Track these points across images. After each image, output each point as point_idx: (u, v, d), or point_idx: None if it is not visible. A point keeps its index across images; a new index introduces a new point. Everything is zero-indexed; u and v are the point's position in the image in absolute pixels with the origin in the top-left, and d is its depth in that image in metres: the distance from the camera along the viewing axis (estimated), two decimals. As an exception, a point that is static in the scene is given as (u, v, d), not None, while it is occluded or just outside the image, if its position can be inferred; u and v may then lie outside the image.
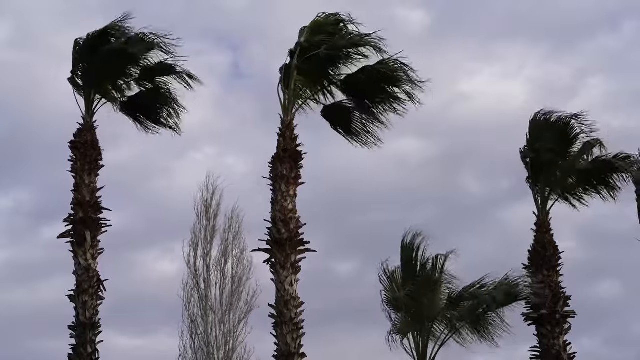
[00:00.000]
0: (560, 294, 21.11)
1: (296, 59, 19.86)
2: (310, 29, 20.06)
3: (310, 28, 20.08)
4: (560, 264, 21.38)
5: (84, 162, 19.99)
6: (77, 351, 19.09)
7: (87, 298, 19.26)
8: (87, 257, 19.49)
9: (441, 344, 20.48)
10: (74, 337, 19.22)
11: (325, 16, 20.17)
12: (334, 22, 20.21)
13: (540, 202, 21.69)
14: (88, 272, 19.40)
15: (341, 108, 20.88)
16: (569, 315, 21.02)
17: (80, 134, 20.22)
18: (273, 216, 19.29)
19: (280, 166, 19.45)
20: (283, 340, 18.56)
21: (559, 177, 21.77)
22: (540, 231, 21.51)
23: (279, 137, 19.70)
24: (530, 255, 21.46)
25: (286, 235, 19.01)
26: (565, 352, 20.71)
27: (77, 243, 19.57)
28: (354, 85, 20.37)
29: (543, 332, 20.87)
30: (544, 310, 20.85)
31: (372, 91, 20.37)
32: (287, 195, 19.27)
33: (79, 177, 19.95)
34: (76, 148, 20.09)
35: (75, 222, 19.70)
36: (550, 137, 21.70)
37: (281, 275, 18.86)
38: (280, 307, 18.73)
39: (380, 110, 20.56)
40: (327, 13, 20.16)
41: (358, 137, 21.04)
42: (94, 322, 19.22)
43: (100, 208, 19.90)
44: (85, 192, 19.81)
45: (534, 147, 21.83)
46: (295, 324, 18.67)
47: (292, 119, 19.90)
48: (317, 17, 20.16)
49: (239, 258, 31.53)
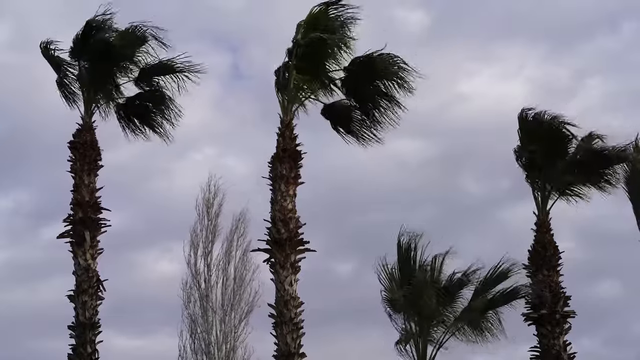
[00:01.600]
0: (560, 294, 21.09)
1: (294, 58, 19.83)
2: (306, 24, 19.90)
3: (307, 22, 19.91)
4: (560, 263, 21.36)
5: (83, 163, 19.98)
6: (76, 351, 19.09)
7: (86, 298, 19.25)
8: (87, 257, 19.48)
9: (440, 344, 20.49)
10: (73, 337, 19.22)
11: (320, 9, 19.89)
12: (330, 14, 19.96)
13: (540, 202, 21.66)
14: (87, 272, 19.39)
15: (341, 107, 20.86)
16: (569, 315, 20.99)
17: (79, 134, 20.21)
18: (273, 216, 19.28)
19: (280, 166, 19.43)
20: (283, 340, 18.55)
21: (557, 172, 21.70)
22: (540, 231, 21.50)
23: (279, 137, 19.68)
24: (530, 255, 21.44)
25: (286, 235, 19.00)
26: (565, 352, 20.69)
27: (76, 243, 19.56)
28: (351, 79, 20.30)
29: (543, 332, 20.86)
30: (544, 310, 20.83)
31: (368, 85, 20.31)
32: (286, 195, 19.27)
33: (78, 178, 19.94)
34: (75, 148, 20.08)
35: (75, 222, 19.69)
36: (541, 136, 21.62)
37: (281, 275, 18.85)
38: (280, 307, 18.72)
39: (378, 105, 20.49)
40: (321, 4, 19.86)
41: (357, 136, 21.01)
42: (93, 322, 19.22)
43: (99, 208, 19.89)
44: (84, 192, 19.80)
45: (528, 148, 21.79)
46: (295, 324, 18.67)
47: (291, 118, 19.88)
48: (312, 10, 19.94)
49: (243, 259, 31.58)
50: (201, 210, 32.13)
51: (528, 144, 21.74)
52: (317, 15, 19.91)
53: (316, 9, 19.88)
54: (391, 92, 20.32)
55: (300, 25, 19.96)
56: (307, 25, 19.89)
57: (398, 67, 19.89)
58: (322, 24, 19.90)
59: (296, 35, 19.94)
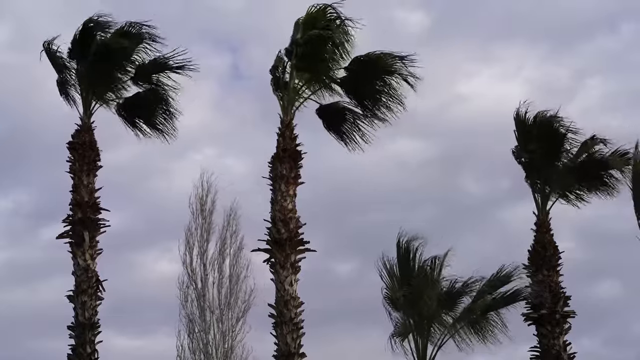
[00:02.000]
0: (560, 294, 21.05)
1: (294, 57, 19.80)
2: (304, 24, 19.82)
3: (304, 22, 19.83)
4: (560, 263, 21.32)
5: (82, 163, 19.95)
6: (76, 351, 19.07)
7: (86, 298, 19.23)
8: (86, 257, 19.46)
9: (440, 345, 20.48)
10: (73, 338, 19.20)
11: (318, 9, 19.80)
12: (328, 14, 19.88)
13: (540, 202, 21.63)
14: (87, 272, 19.37)
15: (336, 109, 20.82)
16: (569, 315, 20.96)
17: (78, 134, 20.19)
18: (273, 216, 19.26)
19: (280, 166, 19.41)
20: (283, 340, 18.54)
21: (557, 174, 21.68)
22: (540, 231, 21.45)
23: (279, 137, 19.66)
24: (530, 255, 21.40)
25: (286, 235, 18.99)
26: (565, 352, 20.66)
27: (75, 243, 19.54)
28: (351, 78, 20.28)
29: (543, 332, 20.82)
30: (544, 310, 20.81)
31: (369, 83, 20.29)
32: (286, 195, 19.24)
33: (77, 178, 19.92)
34: (74, 149, 20.06)
35: (74, 222, 19.67)
36: (538, 136, 21.58)
37: (281, 275, 18.83)
38: (280, 307, 18.70)
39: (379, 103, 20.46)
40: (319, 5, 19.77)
41: (348, 139, 20.97)
42: (93, 322, 19.20)
43: (98, 208, 19.86)
44: (83, 193, 19.77)
45: (526, 149, 21.75)
46: (295, 324, 18.66)
47: (291, 118, 19.86)
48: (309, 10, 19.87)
49: (237, 256, 31.47)
50: (195, 208, 31.83)
51: (525, 144, 21.70)
52: (315, 15, 19.84)
53: (314, 9, 19.81)
54: (392, 90, 20.29)
55: (298, 24, 19.91)
56: (305, 25, 19.82)
57: (399, 65, 19.86)
58: (321, 23, 19.83)
59: (294, 34, 19.90)
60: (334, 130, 21.00)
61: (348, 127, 20.90)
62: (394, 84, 20.19)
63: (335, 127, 20.98)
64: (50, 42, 20.49)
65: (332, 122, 20.93)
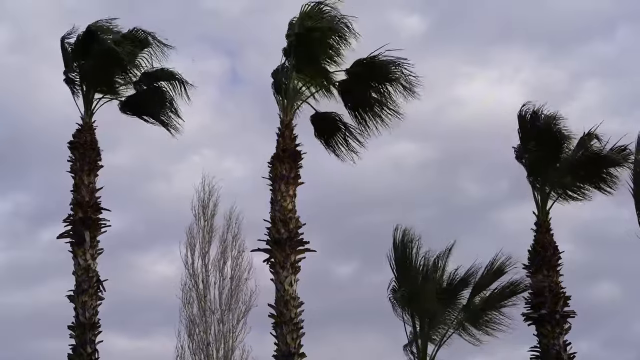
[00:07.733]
0: (560, 294, 21.05)
1: (292, 57, 19.79)
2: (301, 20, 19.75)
3: (298, 20, 19.76)
4: (560, 263, 21.31)
5: (83, 163, 19.98)
6: (76, 351, 19.09)
7: (86, 298, 19.24)
8: (87, 257, 19.47)
9: (440, 344, 20.48)
10: (73, 338, 19.21)
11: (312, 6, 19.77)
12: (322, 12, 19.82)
13: (540, 202, 21.63)
14: (87, 272, 19.38)
15: (328, 118, 20.79)
16: (569, 315, 20.96)
17: (79, 134, 20.22)
18: (272, 216, 19.27)
19: (280, 166, 19.42)
20: (283, 340, 18.55)
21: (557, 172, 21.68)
22: (540, 231, 21.44)
23: (278, 137, 19.66)
24: (530, 255, 21.41)
25: (286, 235, 19.00)
26: (565, 352, 20.65)
27: (76, 243, 19.55)
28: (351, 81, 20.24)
29: (543, 332, 20.81)
30: (544, 310, 20.82)
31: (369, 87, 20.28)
32: (286, 195, 19.26)
33: (78, 178, 19.94)
34: (75, 148, 20.09)
35: (75, 222, 19.68)
36: (540, 135, 21.61)
37: (281, 275, 18.85)
38: (280, 307, 18.71)
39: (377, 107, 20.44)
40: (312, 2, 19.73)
41: (336, 150, 21.01)
42: (93, 322, 19.21)
43: (99, 208, 19.88)
44: (84, 193, 19.79)
45: (527, 146, 21.78)
46: (295, 324, 18.67)
47: (291, 118, 19.86)
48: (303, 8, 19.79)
49: (238, 259, 31.63)
50: (197, 211, 32.26)
51: (527, 143, 21.73)
52: (310, 14, 19.77)
53: (307, 7, 19.76)
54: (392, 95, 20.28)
55: (293, 23, 19.88)
56: (299, 22, 19.72)
57: (401, 70, 19.83)
58: (315, 21, 19.77)
59: (290, 31, 19.82)
60: (325, 141, 21.06)
61: (339, 140, 20.94)
62: (392, 92, 20.17)
63: (326, 139, 21.02)
64: (66, 37, 20.56)
65: (323, 132, 20.97)
